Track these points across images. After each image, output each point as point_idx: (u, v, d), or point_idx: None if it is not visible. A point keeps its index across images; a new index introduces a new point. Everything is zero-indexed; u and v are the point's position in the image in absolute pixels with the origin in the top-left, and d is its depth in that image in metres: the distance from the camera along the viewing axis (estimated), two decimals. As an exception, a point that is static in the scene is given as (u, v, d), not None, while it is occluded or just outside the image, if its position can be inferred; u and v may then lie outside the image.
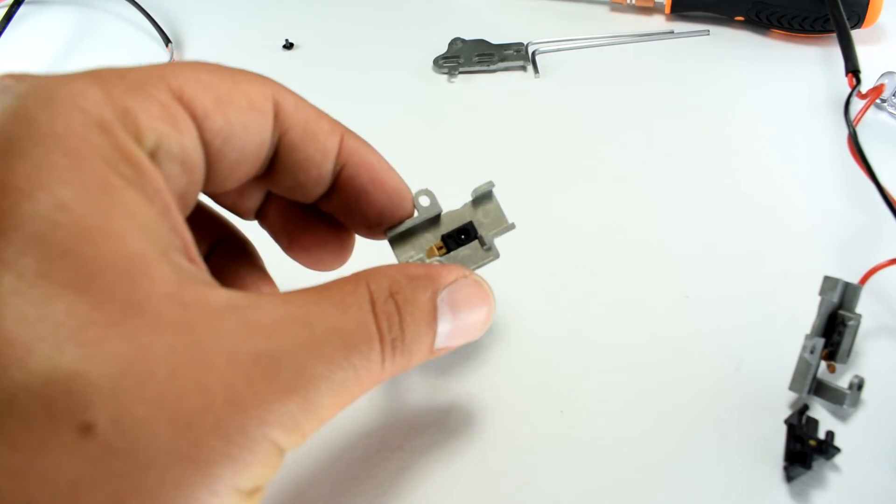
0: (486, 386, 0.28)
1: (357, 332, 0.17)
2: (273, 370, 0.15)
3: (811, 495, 0.24)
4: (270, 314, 0.16)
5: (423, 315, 0.19)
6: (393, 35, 0.48)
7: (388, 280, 0.18)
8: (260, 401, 0.15)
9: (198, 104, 0.18)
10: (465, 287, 0.20)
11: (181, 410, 0.14)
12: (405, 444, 0.26)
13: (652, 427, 0.26)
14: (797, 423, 0.25)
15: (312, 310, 0.17)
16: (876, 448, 0.25)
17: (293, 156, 0.21)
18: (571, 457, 0.25)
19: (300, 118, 0.21)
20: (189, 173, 0.18)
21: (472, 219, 0.25)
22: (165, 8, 0.51)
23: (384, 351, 0.18)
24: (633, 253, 0.33)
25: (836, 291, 0.26)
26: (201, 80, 0.18)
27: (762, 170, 0.37)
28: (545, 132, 0.40)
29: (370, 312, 0.18)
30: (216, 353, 0.15)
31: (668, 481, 0.24)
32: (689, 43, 0.46)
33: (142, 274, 0.15)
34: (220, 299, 0.16)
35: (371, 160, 0.23)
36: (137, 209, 0.15)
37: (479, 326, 0.21)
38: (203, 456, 0.14)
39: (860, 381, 0.25)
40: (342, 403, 0.17)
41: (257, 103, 0.19)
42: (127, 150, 0.16)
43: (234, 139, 0.19)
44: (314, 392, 0.16)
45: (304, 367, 0.16)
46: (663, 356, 0.28)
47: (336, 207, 0.23)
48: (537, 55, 0.45)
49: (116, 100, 0.16)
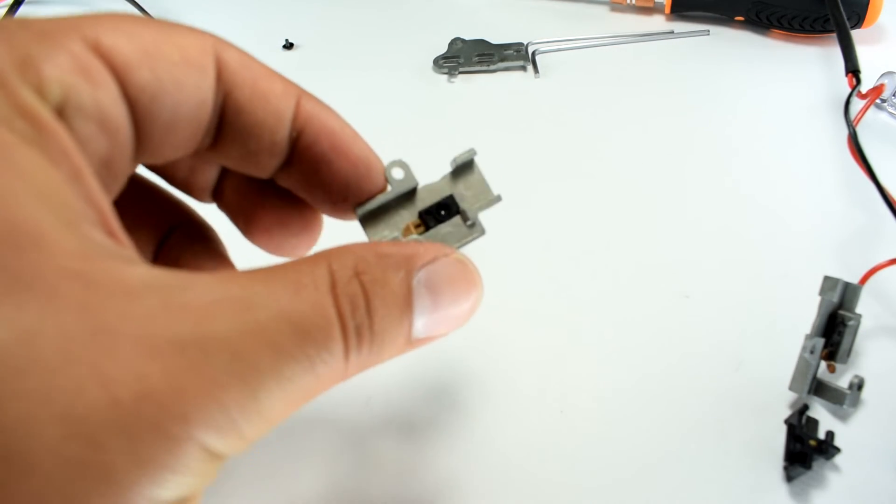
0: (486, 386, 0.28)
1: (312, 317, 0.14)
2: (201, 360, 0.13)
3: (811, 495, 0.24)
4: (204, 295, 0.13)
5: (394, 299, 0.16)
6: (393, 35, 0.48)
7: (354, 258, 0.16)
8: (181, 395, 0.12)
9: (118, 55, 0.15)
10: (446, 267, 0.17)
11: (74, 406, 0.11)
12: (405, 443, 0.26)
13: (652, 427, 0.26)
14: (797, 423, 0.25)
15: (259, 290, 0.14)
16: (876, 448, 0.25)
17: (241, 120, 0.18)
18: (571, 456, 0.25)
19: (248, 77, 0.18)
20: (111, 135, 0.15)
21: (453, 192, 0.22)
22: (165, 8, 0.51)
23: (347, 340, 0.15)
24: (633, 253, 0.33)
25: (836, 291, 0.26)
26: (124, 30, 0.15)
27: (762, 170, 0.37)
28: (545, 132, 0.40)
29: (328, 294, 0.15)
30: (125, 338, 0.12)
31: (667, 481, 0.24)
32: (689, 43, 0.46)
33: (33, 244, 0.12)
34: (139, 277, 0.13)
35: (333, 125, 0.20)
36: (34, 171, 0.13)
37: (465, 313, 0.18)
38: (105, 460, 0.12)
39: (860, 381, 0.25)
40: (295, 402, 0.14)
41: (193, 57, 0.17)
42: (24, 104, 0.13)
43: (165, 96, 0.16)
44: (257, 387, 0.13)
45: (243, 358, 0.13)
46: (663, 356, 0.28)
47: (295, 181, 0.20)
48: (537, 55, 0.45)
49: (18, 47, 0.14)
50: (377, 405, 0.27)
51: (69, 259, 0.12)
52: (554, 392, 0.27)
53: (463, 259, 0.18)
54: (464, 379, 0.28)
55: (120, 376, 0.12)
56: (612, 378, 0.28)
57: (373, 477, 0.25)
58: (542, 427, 0.26)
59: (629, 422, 0.26)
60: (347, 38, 0.48)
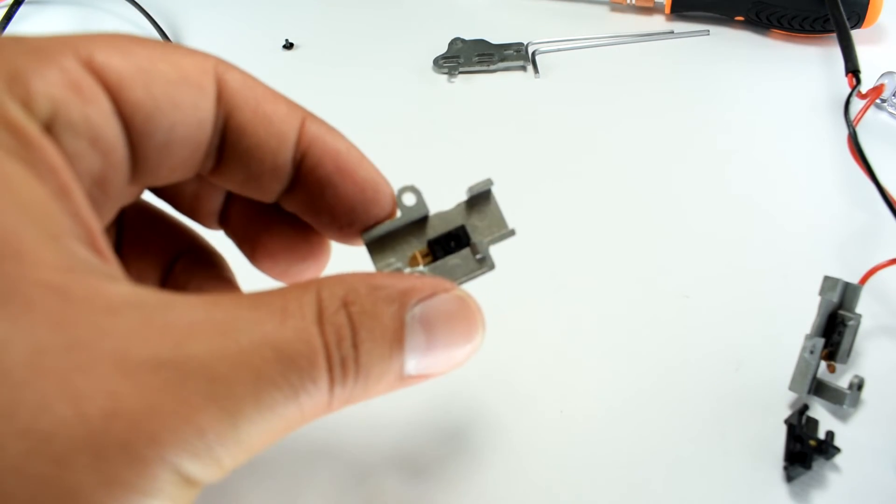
0: (486, 386, 0.28)
1: (296, 345, 0.14)
2: (177, 381, 0.12)
3: (811, 495, 0.24)
4: (186, 316, 0.13)
5: (383, 332, 0.15)
6: (393, 35, 0.48)
7: (344, 288, 0.15)
8: (153, 415, 0.12)
9: (112, 72, 0.15)
10: (445, 303, 0.17)
11: (39, 421, 0.11)
12: (404, 444, 0.26)
13: (652, 427, 0.26)
14: (797, 423, 0.25)
15: (243, 315, 0.14)
16: (876, 448, 0.25)
17: (244, 142, 0.18)
18: (571, 456, 0.25)
19: (250, 98, 0.18)
20: (104, 153, 0.15)
21: (466, 223, 0.22)
22: (165, 8, 0.51)
23: (332, 371, 0.14)
24: (633, 253, 0.33)
25: (836, 291, 0.26)
26: (119, 48, 0.15)
27: (762, 170, 0.37)
28: (545, 132, 0.40)
29: (315, 323, 0.14)
30: (100, 355, 0.12)
31: (667, 481, 0.24)
32: (689, 43, 0.46)
33: (12, 255, 0.12)
34: (120, 294, 0.13)
35: (338, 147, 0.19)
36: (19, 184, 0.13)
37: (462, 354, 0.17)
38: (70, 479, 0.11)
39: (860, 381, 0.25)
40: (276, 432, 0.14)
41: (191, 76, 0.16)
42: (10, 117, 0.13)
43: (161, 115, 0.16)
44: (235, 413, 0.13)
45: (222, 381, 0.13)
46: (663, 356, 0.28)
47: (301, 205, 0.20)
48: (537, 55, 0.45)
49: (10, 61, 0.14)
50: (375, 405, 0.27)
51: (49, 272, 0.12)
52: (554, 392, 0.27)
53: (464, 297, 0.17)
54: (464, 378, 0.28)
55: (90, 393, 0.11)
56: (611, 378, 0.28)
57: (371, 477, 0.25)
58: (542, 427, 0.26)
59: (629, 422, 0.26)
60: (347, 38, 0.48)
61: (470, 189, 0.21)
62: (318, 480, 0.25)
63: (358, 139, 0.41)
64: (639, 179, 0.36)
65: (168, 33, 0.48)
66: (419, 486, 0.25)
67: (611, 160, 0.38)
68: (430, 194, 0.33)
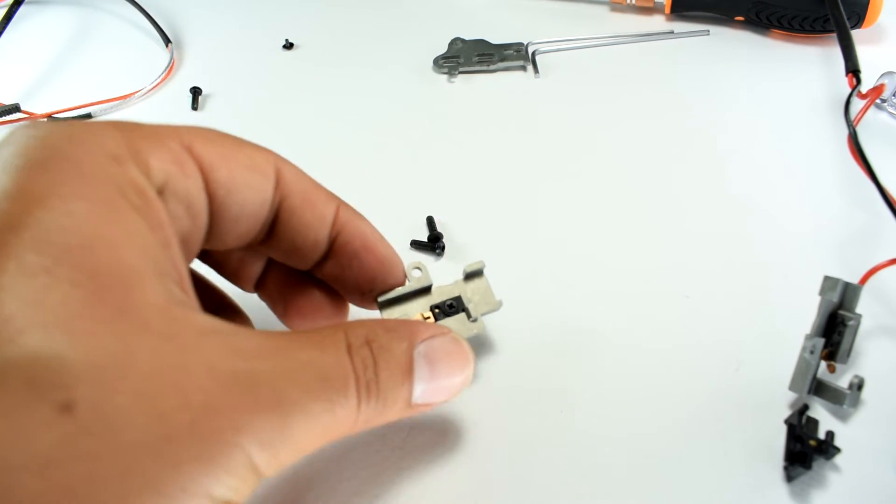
0: (486, 386, 0.28)
1: (333, 369, 0.18)
2: (250, 388, 0.16)
3: (811, 495, 0.24)
4: (251, 341, 0.17)
5: (398, 364, 0.20)
6: (393, 35, 0.48)
7: (366, 330, 0.19)
8: (235, 410, 0.16)
9: (205, 157, 0.19)
10: (443, 343, 0.21)
11: (157, 406, 0.15)
12: (404, 443, 0.26)
13: (652, 427, 0.26)
14: (797, 423, 0.25)
15: (291, 345, 0.18)
16: (876, 448, 0.25)
17: (293, 220, 0.22)
18: (571, 456, 0.25)
19: (300, 186, 0.22)
20: (193, 218, 0.19)
21: (461, 294, 0.27)
22: (165, 8, 0.52)
23: (359, 391, 0.18)
24: (633, 253, 0.33)
25: (836, 291, 0.26)
26: (209, 139, 0.20)
27: (762, 170, 0.37)
28: (545, 132, 0.40)
29: (346, 354, 0.18)
30: (196, 363, 0.16)
31: (667, 481, 0.24)
32: (689, 43, 0.46)
33: (135, 284, 0.16)
34: (205, 322, 0.17)
35: (365, 229, 0.24)
36: (139, 231, 0.17)
37: (458, 384, 0.22)
38: (174, 452, 0.15)
39: (860, 381, 0.25)
40: (318, 437, 0.18)
41: (259, 165, 0.21)
42: (136, 181, 0.17)
43: (236, 193, 0.20)
44: (290, 416, 0.17)
45: (281, 391, 0.17)
46: (663, 356, 0.28)
47: (331, 273, 0.24)
48: (537, 55, 0.45)
49: (132, 141, 0.18)
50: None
51: (158, 299, 0.16)
52: (553, 392, 0.27)
53: (458, 339, 0.22)
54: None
55: (192, 390, 0.15)
56: (611, 378, 0.28)
57: (371, 476, 0.25)
58: (542, 427, 0.26)
59: (629, 422, 0.26)
60: (347, 38, 0.48)
61: (466, 267, 0.27)
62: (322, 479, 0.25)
63: (358, 139, 0.42)
64: (639, 179, 0.36)
65: (168, 34, 0.48)
66: (419, 486, 0.25)
67: (611, 160, 0.38)
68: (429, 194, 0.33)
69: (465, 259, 0.33)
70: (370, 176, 0.37)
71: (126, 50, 0.49)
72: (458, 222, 0.34)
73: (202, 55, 0.47)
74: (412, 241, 0.33)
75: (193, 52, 0.48)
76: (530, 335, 0.29)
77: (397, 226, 0.34)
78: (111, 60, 0.48)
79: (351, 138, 0.40)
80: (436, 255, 0.33)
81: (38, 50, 0.49)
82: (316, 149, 0.39)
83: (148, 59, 0.47)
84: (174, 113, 0.42)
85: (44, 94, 0.45)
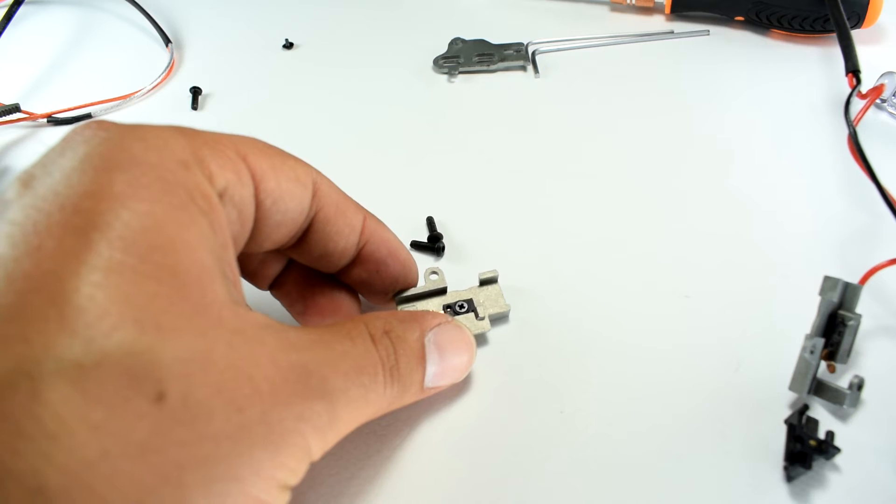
0: (486, 386, 0.28)
1: (364, 357, 0.20)
2: (304, 377, 0.18)
3: (811, 495, 0.24)
4: (298, 335, 0.19)
5: (413, 351, 0.22)
6: (393, 35, 0.48)
7: (382, 321, 0.22)
8: (296, 399, 0.18)
9: (257, 166, 0.21)
10: (448, 330, 0.24)
11: (234, 397, 0.16)
12: (404, 443, 0.26)
13: (652, 427, 0.26)
14: (797, 423, 0.25)
15: (328, 338, 0.20)
16: (876, 448, 0.25)
17: (326, 229, 0.24)
18: (571, 456, 0.25)
19: (333, 198, 0.24)
20: (243, 222, 0.21)
21: (475, 298, 0.29)
22: (165, 8, 0.52)
23: (385, 376, 0.21)
24: (633, 253, 0.33)
25: (836, 291, 0.26)
26: (260, 150, 0.21)
27: (762, 170, 0.37)
28: (545, 132, 0.40)
29: (372, 345, 0.21)
30: (262, 355, 0.17)
31: (667, 481, 0.24)
32: (689, 43, 0.46)
33: (210, 283, 0.18)
34: (260, 318, 0.19)
35: (389, 237, 0.27)
36: (208, 234, 0.18)
37: (463, 367, 0.25)
38: (249, 439, 0.16)
39: (860, 381, 0.25)
40: (356, 420, 0.20)
41: (301, 177, 0.23)
42: (203, 187, 0.19)
43: (281, 202, 0.22)
44: (337, 402, 0.19)
45: (327, 379, 0.19)
46: (663, 356, 0.28)
47: (357, 278, 0.27)
48: (537, 55, 0.45)
49: (196, 148, 0.19)
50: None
51: (226, 299, 0.18)
52: (553, 392, 0.27)
53: (460, 325, 0.25)
54: (464, 378, 0.28)
55: (260, 380, 0.17)
56: (611, 378, 0.28)
57: (371, 476, 0.25)
58: (542, 427, 0.26)
59: (629, 421, 0.26)
60: (347, 38, 0.48)
61: (480, 275, 0.29)
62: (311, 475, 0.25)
63: (358, 139, 0.42)
64: (639, 179, 0.36)
65: (168, 34, 0.48)
66: (419, 486, 0.25)
67: (611, 160, 0.38)
68: (429, 194, 0.33)
69: (465, 259, 0.33)
70: (370, 176, 0.37)
71: (126, 50, 0.49)
72: (457, 222, 0.34)
73: (202, 55, 0.47)
74: (412, 241, 0.33)
75: (193, 52, 0.48)
76: (530, 335, 0.29)
77: (397, 226, 0.34)
78: (111, 60, 0.48)
79: (351, 138, 0.40)
80: (436, 255, 0.33)
81: (38, 50, 0.49)
82: (316, 149, 0.39)
83: (148, 59, 0.47)
84: (174, 113, 0.42)
85: (44, 94, 0.45)
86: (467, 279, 0.31)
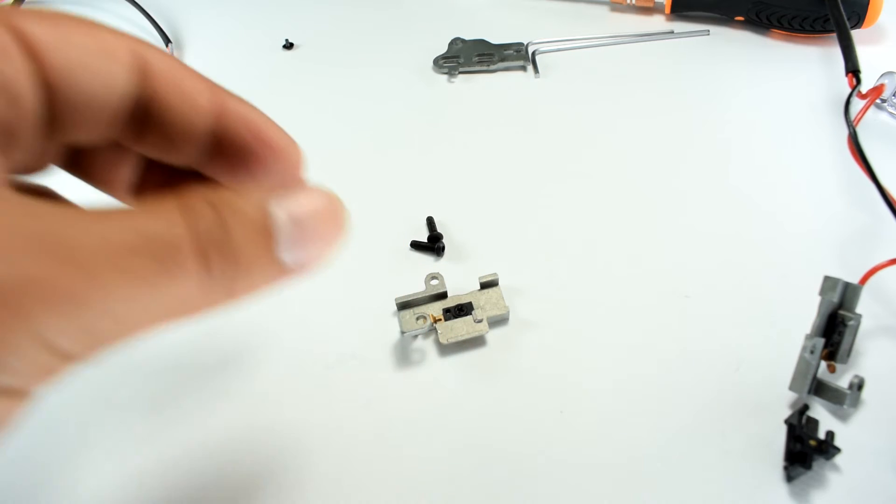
0: (486, 386, 0.28)
1: (161, 229, 0.16)
2: (50, 256, 0.14)
3: (811, 495, 0.24)
4: (65, 211, 0.15)
5: (251, 222, 0.17)
6: (393, 35, 0.48)
7: (210, 192, 0.17)
8: (30, 281, 0.14)
9: (35, 37, 0.17)
10: (309, 196, 0.19)
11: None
12: (404, 442, 0.26)
13: (652, 427, 0.26)
14: (797, 423, 0.25)
15: (118, 213, 0.16)
16: (876, 448, 0.25)
17: (162, 111, 0.20)
18: (571, 456, 0.25)
19: (173, 75, 0.20)
20: (13, 104, 0.17)
21: (475, 301, 0.29)
22: (165, 8, 0.52)
23: (199, 254, 0.16)
24: (633, 253, 0.33)
25: (836, 291, 0.26)
26: (49, 21, 0.18)
27: (762, 170, 0.37)
28: (545, 132, 0.40)
29: (179, 215, 0.16)
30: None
31: (667, 481, 0.24)
32: (689, 43, 0.46)
33: None
34: (8, 194, 0.15)
35: (252, 116, 0.22)
36: None
37: (332, 227, 0.19)
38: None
39: (860, 381, 0.25)
40: (149, 310, 0.16)
41: (111, 50, 0.19)
42: None
43: (76, 78, 0.18)
44: (104, 285, 0.15)
45: (92, 258, 0.15)
46: (663, 356, 0.28)
47: (220, 169, 0.22)
48: (537, 55, 0.45)
49: None
50: (381, 404, 0.27)
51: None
52: (554, 392, 0.27)
53: (328, 192, 0.19)
54: (464, 378, 0.28)
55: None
56: (612, 378, 0.28)
57: (372, 478, 0.25)
58: (542, 427, 0.26)
59: (629, 422, 0.26)
60: (347, 38, 0.48)
61: (481, 278, 0.30)
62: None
63: (358, 139, 0.42)
64: (639, 179, 0.36)
65: (168, 33, 0.48)
66: (419, 486, 0.25)
67: (611, 160, 0.38)
68: (429, 194, 0.33)
69: (465, 259, 0.33)
70: (370, 176, 0.37)
71: (126, 50, 0.49)
72: (458, 222, 0.34)
73: (202, 55, 0.47)
74: (412, 241, 0.33)
75: (193, 52, 0.48)
76: (530, 336, 0.29)
77: (397, 226, 0.34)
78: (111, 60, 0.48)
79: (351, 138, 0.40)
80: (436, 254, 0.33)
81: (38, 50, 0.48)
82: (316, 149, 0.39)
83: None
84: (174, 113, 0.42)
85: (44, 94, 0.44)
86: (467, 279, 0.31)
